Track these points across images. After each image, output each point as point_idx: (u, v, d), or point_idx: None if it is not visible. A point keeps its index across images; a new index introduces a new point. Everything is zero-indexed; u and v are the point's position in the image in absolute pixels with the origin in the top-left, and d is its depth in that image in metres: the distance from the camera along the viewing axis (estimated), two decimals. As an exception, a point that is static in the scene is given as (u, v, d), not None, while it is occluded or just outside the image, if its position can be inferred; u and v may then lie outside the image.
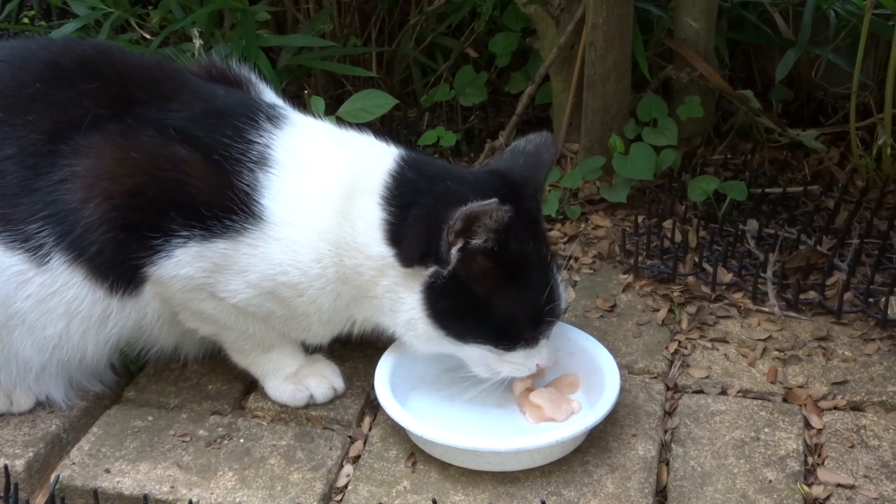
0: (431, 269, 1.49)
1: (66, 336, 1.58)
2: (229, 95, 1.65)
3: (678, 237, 2.11)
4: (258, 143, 1.54)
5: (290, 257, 1.52)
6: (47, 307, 1.55)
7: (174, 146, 1.51)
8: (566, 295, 1.60)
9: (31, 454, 1.58)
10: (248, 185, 1.51)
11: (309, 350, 1.75)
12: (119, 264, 1.53)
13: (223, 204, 1.49)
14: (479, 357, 1.57)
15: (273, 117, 1.60)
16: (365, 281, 1.54)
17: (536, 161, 1.62)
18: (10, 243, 1.51)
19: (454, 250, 1.45)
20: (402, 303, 1.53)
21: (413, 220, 1.50)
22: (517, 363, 1.57)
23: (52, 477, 1.55)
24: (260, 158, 1.53)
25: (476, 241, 1.45)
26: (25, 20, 3.14)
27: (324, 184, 1.55)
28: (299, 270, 1.53)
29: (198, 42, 2.26)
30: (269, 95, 1.76)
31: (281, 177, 1.53)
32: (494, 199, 1.41)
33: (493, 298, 1.51)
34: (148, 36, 2.49)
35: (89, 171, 1.50)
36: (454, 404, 1.65)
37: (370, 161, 1.58)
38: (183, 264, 1.51)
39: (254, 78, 1.76)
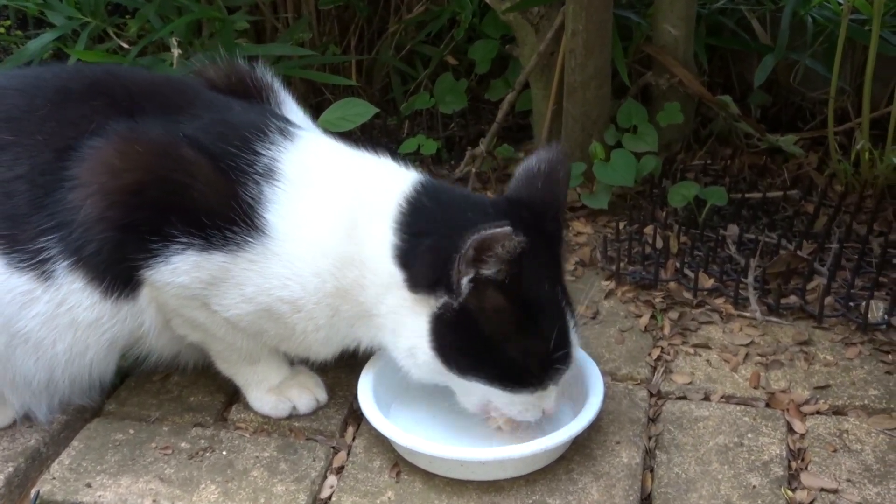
0: (442, 300, 1.44)
1: (74, 347, 1.56)
2: (244, 109, 1.62)
3: (659, 243, 2.11)
4: (265, 155, 1.52)
5: (291, 271, 1.49)
6: (55, 322, 1.53)
7: (181, 147, 1.48)
8: (578, 339, 1.53)
9: (10, 469, 1.57)
10: (252, 198, 1.48)
11: (310, 364, 1.74)
12: (116, 265, 1.50)
13: (226, 214, 1.46)
14: (479, 393, 1.52)
15: (284, 130, 1.57)
16: (369, 296, 1.51)
17: (554, 181, 1.53)
18: (17, 264, 1.49)
19: (465, 280, 1.40)
20: (405, 327, 1.49)
21: (426, 247, 1.45)
22: (522, 406, 1.51)
23: (33, 492, 1.53)
24: (266, 171, 1.50)
25: (486, 272, 1.39)
26: (1, 30, 3.12)
27: (332, 202, 1.51)
28: (299, 285, 1.50)
29: (176, 52, 2.24)
30: (290, 104, 1.74)
31: (287, 191, 1.50)
32: (508, 227, 1.34)
33: (502, 339, 1.45)
34: (126, 45, 2.47)
35: (89, 165, 1.48)
36: (438, 414, 1.65)
37: (385, 184, 1.54)
38: (180, 272, 1.49)
39: (276, 85, 1.73)
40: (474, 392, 1.52)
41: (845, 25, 2.12)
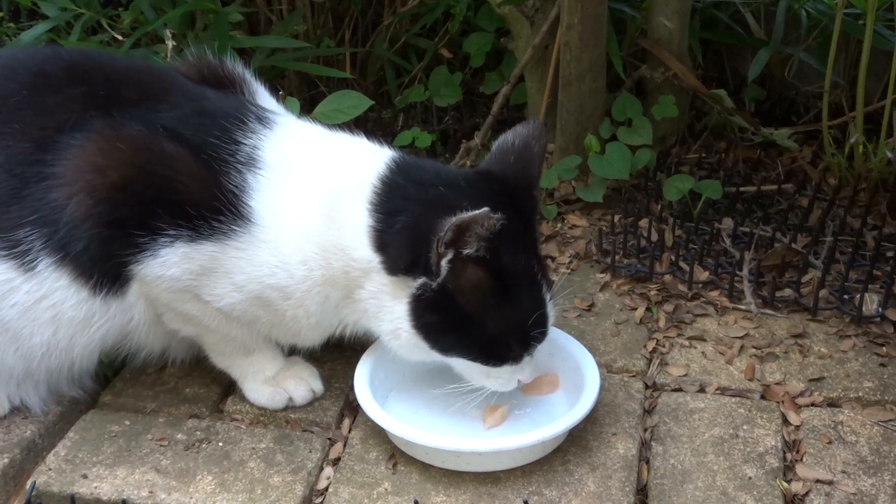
0: (420, 281, 1.45)
1: (54, 342, 1.56)
2: (219, 98, 1.62)
3: (654, 236, 2.11)
4: (246, 144, 1.52)
5: (278, 259, 1.50)
6: (34, 314, 1.52)
7: (163, 141, 1.49)
8: (553, 312, 1.56)
9: (6, 460, 1.56)
10: (236, 187, 1.49)
11: (299, 352, 1.74)
12: (104, 261, 1.50)
13: (211, 204, 1.47)
14: (464, 367, 1.56)
15: (263, 118, 1.58)
16: (351, 281, 1.52)
17: (527, 156, 1.56)
18: None
19: (444, 262, 1.42)
20: (386, 310, 1.51)
21: (400, 227, 1.46)
22: (501, 378, 1.55)
23: (29, 483, 1.53)
24: (248, 160, 1.51)
25: (468, 251, 1.41)
26: (-7, 22, 3.11)
27: (311, 186, 1.53)
28: (286, 272, 1.51)
29: (170, 44, 2.24)
30: (263, 94, 1.74)
31: (269, 178, 1.51)
32: (486, 209, 1.36)
33: (482, 315, 1.47)
34: (120, 37, 2.46)
35: (73, 164, 1.47)
36: (434, 405, 1.65)
37: (360, 164, 1.55)
38: (169, 265, 1.49)
39: (248, 76, 1.73)
40: (456, 366, 1.56)
41: (839, 20, 2.12)
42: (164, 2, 2.46)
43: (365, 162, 1.55)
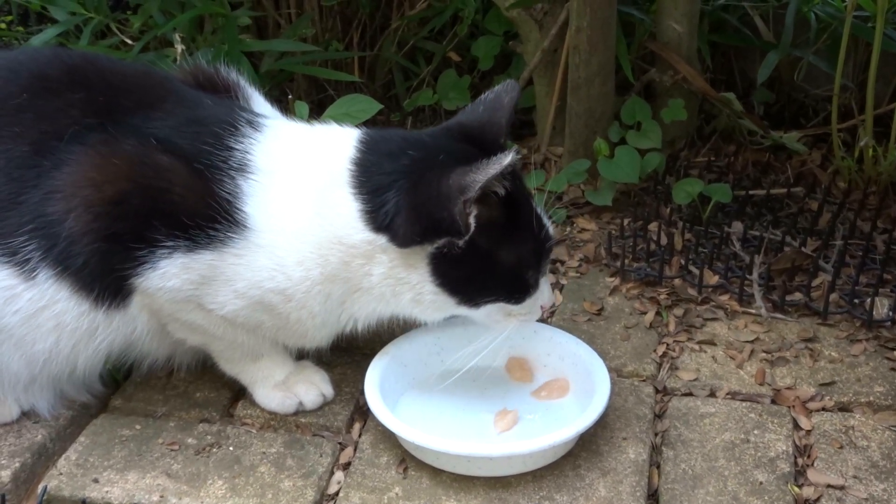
0: (442, 241, 1.47)
1: (56, 351, 1.56)
2: (214, 103, 1.63)
3: (664, 240, 2.11)
4: (238, 149, 1.53)
5: (274, 262, 1.50)
6: (37, 322, 1.53)
7: (156, 154, 1.49)
8: (552, 226, 1.61)
9: (17, 465, 1.57)
10: (229, 193, 1.49)
11: (308, 355, 1.74)
12: (105, 276, 1.51)
13: (206, 213, 1.47)
14: (487, 314, 1.58)
15: (253, 122, 1.58)
16: (354, 272, 1.52)
17: (496, 105, 1.60)
18: None
19: (472, 217, 1.44)
20: (403, 282, 1.52)
21: (396, 203, 1.47)
22: (524, 312, 1.59)
23: (40, 487, 1.53)
24: (240, 165, 1.52)
25: (498, 191, 1.46)
26: (2, 25, 3.11)
27: (298, 184, 1.53)
28: (284, 275, 1.51)
29: (179, 47, 2.24)
30: (258, 99, 1.75)
31: (261, 182, 1.51)
32: (507, 156, 1.40)
33: (499, 243, 1.50)
34: (129, 41, 2.47)
35: (70, 180, 1.48)
36: (445, 409, 1.65)
37: (333, 152, 1.55)
38: (169, 276, 1.49)
39: (242, 82, 1.74)
40: (483, 315, 1.58)
41: (849, 22, 2.12)
42: (173, 6, 2.46)
43: (336, 149, 1.55)
